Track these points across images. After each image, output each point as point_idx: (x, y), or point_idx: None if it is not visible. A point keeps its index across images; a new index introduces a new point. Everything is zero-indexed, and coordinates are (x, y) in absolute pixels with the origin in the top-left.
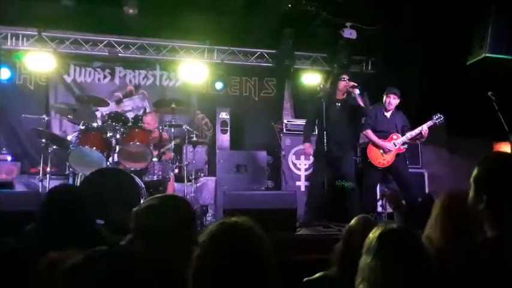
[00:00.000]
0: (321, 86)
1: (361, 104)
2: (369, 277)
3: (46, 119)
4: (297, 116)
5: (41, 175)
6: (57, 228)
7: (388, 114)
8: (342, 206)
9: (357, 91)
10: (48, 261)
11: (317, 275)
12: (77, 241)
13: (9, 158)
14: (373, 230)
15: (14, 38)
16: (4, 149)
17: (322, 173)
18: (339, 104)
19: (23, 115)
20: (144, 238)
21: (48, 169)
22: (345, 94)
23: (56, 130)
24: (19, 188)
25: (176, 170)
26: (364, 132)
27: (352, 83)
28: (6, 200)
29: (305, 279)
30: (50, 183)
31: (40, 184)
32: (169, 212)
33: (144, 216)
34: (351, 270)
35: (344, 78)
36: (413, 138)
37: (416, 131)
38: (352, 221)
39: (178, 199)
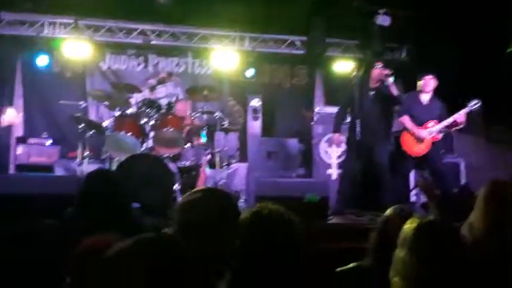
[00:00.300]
0: (354, 74)
1: (395, 92)
2: (403, 271)
3: (83, 105)
4: (328, 104)
5: (78, 159)
6: (95, 212)
7: (424, 101)
8: (375, 195)
9: (391, 79)
10: (88, 244)
11: (350, 265)
12: (114, 224)
13: (49, 142)
14: (409, 222)
15: (51, 26)
16: (45, 133)
17: (354, 161)
18: (373, 93)
19: (60, 101)
20: (186, 232)
21: (85, 153)
22: (379, 82)
23: (92, 116)
24: (59, 171)
25: (208, 156)
26: (399, 119)
27: (386, 71)
28: (47, 183)
29: (338, 269)
30: (87, 168)
31: (78, 168)
32: (213, 207)
33: (187, 211)
34: (385, 261)
35: (377, 65)
36: (449, 126)
37: (452, 118)
38: (388, 211)
39: (220, 193)
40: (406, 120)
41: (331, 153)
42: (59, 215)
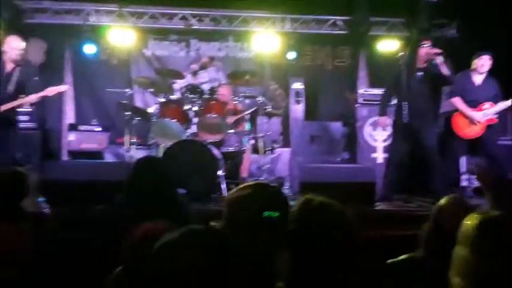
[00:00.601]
0: (401, 53)
1: (445, 72)
2: (465, 270)
3: (129, 92)
4: (372, 85)
5: (126, 146)
6: (143, 199)
7: (478, 81)
8: (423, 179)
9: (441, 58)
10: (139, 234)
11: (402, 257)
12: (162, 211)
13: (99, 128)
14: (470, 217)
15: (96, 14)
16: (94, 120)
17: (401, 145)
18: (420, 73)
19: (107, 89)
20: (234, 228)
21: (132, 140)
22: (427, 62)
23: (138, 102)
24: (108, 157)
25: (252, 141)
26: (451, 100)
27: (434, 50)
28: (97, 169)
29: (389, 261)
30: (135, 154)
31: (126, 154)
32: (262, 204)
33: (235, 207)
34: (439, 253)
35: (425, 44)
36: (506, 108)
37: (509, 102)
38: (443, 200)
39: (270, 189)
40: (458, 101)
41: (377, 137)
42: (109, 201)
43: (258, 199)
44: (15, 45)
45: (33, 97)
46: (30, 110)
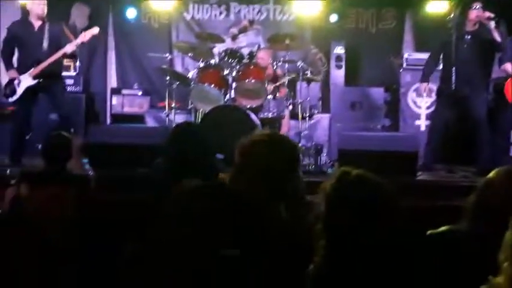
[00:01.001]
0: (450, 15)
1: (498, 38)
2: None
3: (169, 57)
4: (418, 50)
5: (166, 110)
6: (180, 163)
7: None
8: (469, 149)
9: (493, 23)
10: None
11: (443, 228)
12: (198, 175)
13: (140, 93)
14: None
15: None
16: (135, 84)
17: (446, 113)
18: (469, 37)
19: (148, 54)
20: (241, 173)
21: (172, 104)
22: (477, 25)
23: (178, 67)
24: (149, 121)
25: (290, 107)
26: (503, 67)
27: (486, 14)
28: (139, 133)
29: (429, 232)
30: (175, 118)
31: (167, 118)
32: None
33: (244, 152)
34: (484, 228)
35: (476, 6)
36: None
37: None
38: (492, 173)
39: (285, 138)
40: (510, 67)
41: (420, 103)
42: (150, 164)
43: (266, 148)
44: (37, 1)
45: (70, 46)
46: (74, 74)
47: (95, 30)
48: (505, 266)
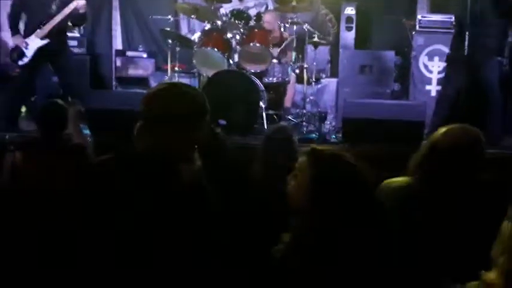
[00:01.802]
0: None
1: None
2: None
3: (172, 19)
4: (433, 11)
5: (169, 74)
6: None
7: None
8: (479, 117)
9: None
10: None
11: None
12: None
13: (145, 55)
14: None
15: None
16: (140, 46)
17: (457, 80)
18: (488, 0)
19: (151, 16)
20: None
21: (176, 68)
22: None
23: (184, 29)
24: (153, 84)
25: (297, 71)
26: None
27: None
28: (139, 99)
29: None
30: (179, 81)
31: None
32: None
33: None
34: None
35: None
36: None
37: None
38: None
39: (188, 86)
40: None
41: (432, 67)
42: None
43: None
44: None
45: (73, 4)
46: (78, 35)
47: None
48: (500, 261)
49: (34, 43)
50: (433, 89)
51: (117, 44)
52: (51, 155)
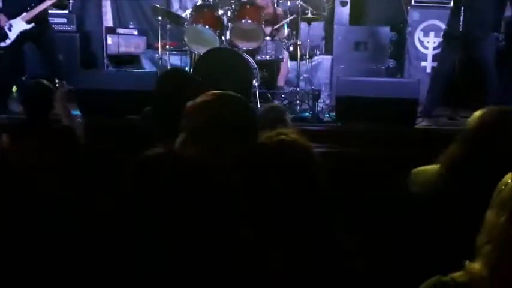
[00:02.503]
0: None
1: None
2: (500, 240)
3: None
4: None
5: (160, 52)
6: (168, 111)
7: None
8: (475, 93)
9: None
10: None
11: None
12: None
13: (136, 32)
14: (508, 176)
15: None
16: (131, 23)
17: (453, 56)
18: None
19: None
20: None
21: (167, 46)
22: None
23: (176, 5)
24: (145, 62)
25: (291, 48)
26: None
27: None
28: (129, 79)
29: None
30: (170, 59)
31: (160, 61)
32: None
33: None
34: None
35: None
36: None
37: None
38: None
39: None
40: None
41: (427, 43)
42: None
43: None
44: None
45: None
46: (66, 12)
47: None
48: (486, 250)
49: (18, 26)
50: (429, 65)
51: (107, 20)
52: (38, 137)
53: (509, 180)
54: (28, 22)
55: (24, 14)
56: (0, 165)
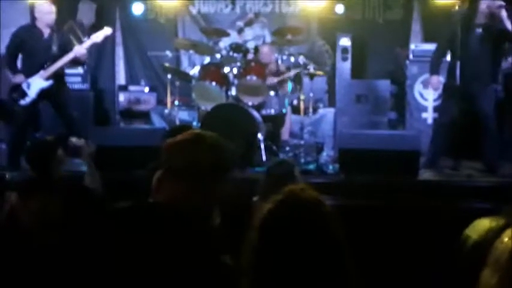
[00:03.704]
0: (457, 6)
1: (510, 27)
2: None
3: (170, 55)
4: (427, 41)
5: (168, 108)
6: None
7: None
8: (475, 144)
9: (504, 12)
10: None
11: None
12: None
13: (146, 89)
14: (506, 234)
15: None
16: (142, 80)
17: (452, 107)
18: (480, 30)
19: (152, 52)
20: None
21: (176, 102)
22: (488, 17)
23: (185, 63)
24: (154, 118)
25: (295, 102)
26: None
27: (497, 3)
28: (138, 135)
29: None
30: (178, 115)
31: (169, 116)
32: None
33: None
34: None
35: None
36: None
37: None
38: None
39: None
40: None
41: (427, 96)
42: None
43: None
44: (46, 10)
45: (82, 48)
46: (81, 72)
47: (108, 30)
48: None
49: (37, 83)
50: (430, 116)
51: (120, 78)
52: (41, 194)
53: (506, 239)
54: (46, 79)
55: (42, 71)
56: (9, 223)
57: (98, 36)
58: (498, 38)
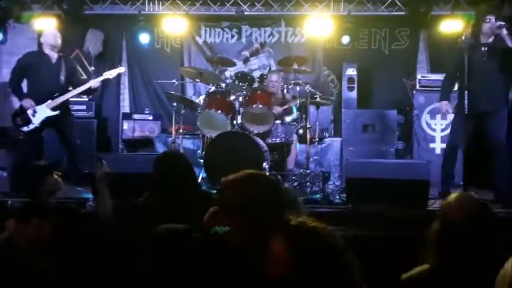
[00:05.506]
0: (463, 36)
1: (510, 43)
2: None
3: (176, 83)
4: (433, 70)
5: (173, 135)
6: (164, 193)
7: None
8: (488, 173)
9: (504, 30)
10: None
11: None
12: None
13: (151, 117)
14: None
15: (151, 3)
16: (147, 108)
17: (461, 134)
18: (485, 49)
19: (158, 80)
20: None
21: (181, 130)
22: (492, 37)
23: (190, 91)
24: (158, 146)
25: (300, 131)
26: None
27: (498, 23)
28: (139, 162)
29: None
30: (183, 143)
31: (173, 144)
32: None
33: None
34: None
35: (489, 19)
36: None
37: None
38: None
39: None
40: None
41: (435, 126)
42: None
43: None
44: (52, 33)
45: (95, 82)
46: (86, 100)
47: (121, 69)
48: None
49: (43, 112)
50: (438, 146)
51: (125, 106)
52: (34, 219)
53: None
54: (53, 109)
55: (50, 101)
56: (7, 249)
57: (111, 74)
58: (503, 57)
